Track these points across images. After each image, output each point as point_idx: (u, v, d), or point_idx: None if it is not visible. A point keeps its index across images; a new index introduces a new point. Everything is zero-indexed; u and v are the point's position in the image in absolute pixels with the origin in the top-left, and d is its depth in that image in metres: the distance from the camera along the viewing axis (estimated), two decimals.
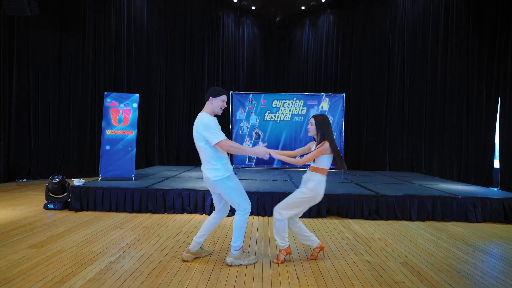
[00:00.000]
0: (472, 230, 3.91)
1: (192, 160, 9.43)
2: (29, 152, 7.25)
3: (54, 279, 2.33)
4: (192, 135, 2.72)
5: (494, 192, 4.94)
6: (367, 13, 9.69)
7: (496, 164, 7.04)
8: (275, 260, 2.77)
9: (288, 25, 11.78)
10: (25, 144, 7.18)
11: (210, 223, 2.78)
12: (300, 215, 2.85)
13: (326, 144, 2.60)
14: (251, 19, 11.35)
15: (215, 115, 2.73)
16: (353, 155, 9.42)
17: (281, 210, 2.72)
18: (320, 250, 2.86)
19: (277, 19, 12.05)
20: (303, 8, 11.11)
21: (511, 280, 2.48)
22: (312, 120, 2.74)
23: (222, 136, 2.53)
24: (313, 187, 2.65)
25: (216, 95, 2.66)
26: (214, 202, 2.82)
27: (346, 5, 10.10)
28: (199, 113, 2.69)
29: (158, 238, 3.35)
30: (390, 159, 9.09)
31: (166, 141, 9.52)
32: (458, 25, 7.39)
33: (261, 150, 2.60)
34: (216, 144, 2.51)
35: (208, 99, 2.68)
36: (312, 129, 2.74)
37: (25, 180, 7.15)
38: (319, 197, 2.71)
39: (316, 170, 2.69)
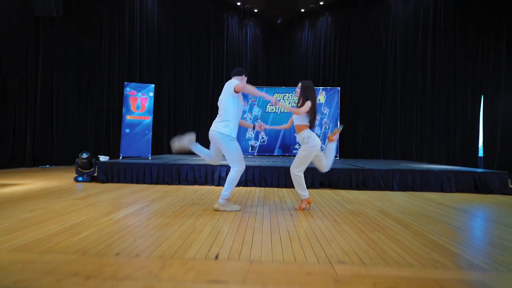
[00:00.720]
0: (444, 196, 4.54)
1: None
2: (52, 141, 7.96)
3: (101, 212, 2.99)
4: (198, 128, 3.42)
5: (466, 168, 5.56)
6: (362, 15, 10.38)
7: (481, 153, 7.69)
8: (297, 208, 3.42)
9: (289, 27, 12.50)
10: (48, 133, 7.90)
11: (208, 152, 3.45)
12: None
13: (309, 103, 3.24)
14: (253, 21, 12.09)
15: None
16: (350, 146, 10.08)
17: (295, 168, 3.35)
18: (307, 203, 3.45)
19: (278, 21, 12.77)
20: (302, 10, 11.83)
21: (473, 223, 3.11)
22: (299, 84, 3.37)
23: (239, 84, 3.18)
24: (308, 142, 3.26)
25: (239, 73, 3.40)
26: (210, 151, 3.40)
27: (343, 8, 10.81)
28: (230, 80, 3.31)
29: (177, 196, 4.01)
30: (384, 149, 9.72)
31: (174, 132, 10.20)
32: (445, 26, 8.08)
33: (272, 97, 3.13)
34: (235, 86, 3.12)
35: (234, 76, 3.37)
36: (298, 91, 3.37)
37: (48, 166, 7.85)
38: (317, 146, 3.28)
39: (301, 127, 3.32)
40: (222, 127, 3.18)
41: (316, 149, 3.29)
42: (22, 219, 2.68)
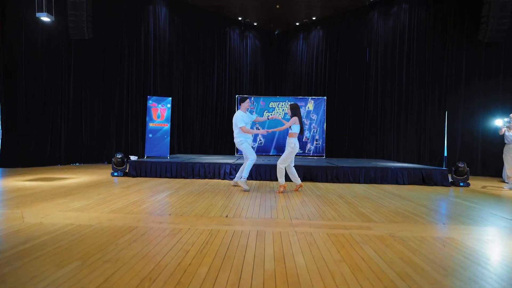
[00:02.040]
0: (396, 187, 5.95)
1: (204, 151, 11.56)
2: (81, 141, 9.40)
3: (146, 195, 4.43)
4: (203, 131, 4.98)
5: (418, 166, 6.96)
6: (349, 30, 11.74)
7: (445, 153, 9.12)
8: (277, 192, 4.95)
9: (285, 38, 13.87)
10: (78, 135, 9.34)
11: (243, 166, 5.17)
12: (292, 163, 5.03)
13: (295, 118, 4.80)
14: (253, 33, 13.46)
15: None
16: (337, 147, 11.49)
17: (280, 163, 4.93)
18: (299, 187, 5.10)
19: (276, 32, 14.14)
20: (297, 23, 13.19)
21: (398, 203, 4.52)
22: (288, 106, 4.95)
23: (241, 124, 5.07)
24: (293, 145, 4.78)
25: (243, 101, 5.31)
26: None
27: (333, 23, 12.16)
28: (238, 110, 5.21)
29: (193, 186, 5.44)
30: (367, 149, 11.13)
31: (183, 136, 11.63)
32: (418, 42, 9.49)
33: (262, 130, 4.89)
34: (239, 127, 4.92)
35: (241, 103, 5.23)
36: (288, 111, 4.93)
37: (77, 164, 9.30)
38: (296, 149, 4.91)
39: (291, 135, 4.87)
40: (237, 140, 5.16)
41: (296, 150, 4.85)
42: (99, 198, 4.11)
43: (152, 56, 10.53)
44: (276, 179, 5.97)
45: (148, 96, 7.46)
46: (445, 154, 9.13)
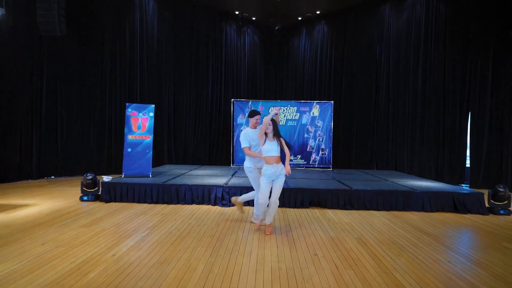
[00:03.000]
0: (424, 217, 4.88)
1: (197, 160, 10.47)
2: (56, 153, 8.31)
3: (106, 246, 3.35)
4: (197, 137, 3.90)
5: (448, 187, 5.88)
6: (357, 25, 10.60)
7: (468, 164, 8.02)
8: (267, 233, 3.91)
9: (286, 34, 12.72)
10: (53, 146, 8.24)
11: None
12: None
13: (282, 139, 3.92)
14: (251, 28, 12.31)
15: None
16: (344, 156, 10.39)
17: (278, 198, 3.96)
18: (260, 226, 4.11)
19: (276, 28, 12.99)
20: (299, 18, 12.04)
21: (439, 255, 3.45)
22: (271, 123, 3.87)
23: (244, 144, 4.11)
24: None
25: (251, 116, 4.29)
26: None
27: (338, 17, 11.02)
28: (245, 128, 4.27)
29: (175, 221, 4.36)
30: (377, 159, 10.04)
31: (174, 143, 10.54)
32: (436, 40, 8.33)
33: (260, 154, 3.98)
34: (242, 147, 4.17)
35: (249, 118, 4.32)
36: (270, 128, 3.88)
37: (53, 177, 8.21)
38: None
39: (278, 159, 3.94)
40: (245, 165, 4.30)
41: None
42: (36, 255, 3.03)
43: (138, 56, 9.41)
44: (280, 205, 4.91)
45: (127, 104, 6.36)
46: (467, 167, 8.05)
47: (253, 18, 12.13)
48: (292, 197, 5.38)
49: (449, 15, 8.12)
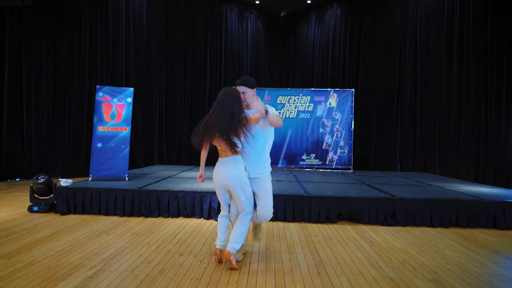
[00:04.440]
0: (504, 238, 3.46)
1: (193, 159, 9.05)
2: (22, 151, 6.91)
3: None
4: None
5: None
6: (376, 6, 9.24)
7: None
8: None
9: (294, 20, 11.36)
10: (17, 143, 6.85)
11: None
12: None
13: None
14: (255, 13, 10.96)
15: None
16: (362, 155, 8.95)
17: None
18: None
19: (281, 14, 11.65)
20: (309, 1, 10.69)
21: None
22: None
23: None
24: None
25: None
26: None
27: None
28: None
29: (148, 246, 2.95)
30: (401, 159, 8.61)
31: (166, 140, 9.15)
32: (475, 16, 6.88)
33: None
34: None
35: None
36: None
37: (18, 179, 6.82)
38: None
39: None
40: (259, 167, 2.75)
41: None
42: None
43: (124, 39, 8.01)
44: (298, 219, 3.51)
45: (98, 86, 4.96)
46: None
47: (257, 2, 10.78)
48: (314, 209, 3.96)
49: None
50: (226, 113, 2.30)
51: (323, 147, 7.34)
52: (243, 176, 2.40)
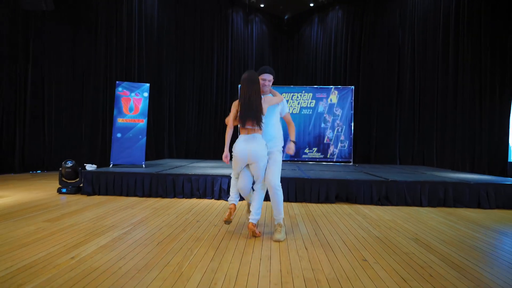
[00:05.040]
0: (485, 215, 3.84)
1: (201, 154, 9.53)
2: (43, 144, 7.43)
3: (68, 244, 2.39)
4: (201, 130, 2.87)
5: (508, 179, 4.84)
6: (376, 8, 9.65)
7: (510, 159, 6.92)
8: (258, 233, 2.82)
9: (297, 22, 11.81)
10: (39, 136, 7.37)
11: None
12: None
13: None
14: (259, 16, 11.43)
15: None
16: (363, 149, 9.35)
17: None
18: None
19: (285, 17, 12.10)
20: (311, 4, 11.13)
21: None
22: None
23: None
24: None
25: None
26: None
27: (355, 1, 10.08)
28: None
29: (168, 216, 3.39)
30: (400, 153, 8.99)
31: (176, 135, 9.62)
32: (470, 15, 7.28)
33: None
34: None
35: None
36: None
37: (39, 171, 7.32)
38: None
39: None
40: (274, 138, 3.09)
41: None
42: None
43: (136, 40, 8.52)
44: (300, 199, 3.94)
45: (117, 82, 5.45)
46: (510, 160, 6.95)
47: (261, 5, 11.25)
48: (314, 190, 4.38)
49: None
50: (257, 96, 2.67)
51: (325, 141, 7.76)
52: (265, 150, 2.74)
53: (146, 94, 5.48)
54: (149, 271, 1.96)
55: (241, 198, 3.36)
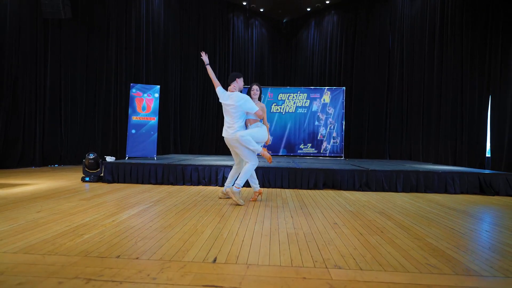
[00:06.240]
0: (448, 198, 4.51)
1: (204, 150, 10.21)
2: (60, 140, 8.12)
3: (106, 213, 3.07)
4: (204, 128, 3.60)
5: (472, 169, 5.49)
6: (368, 14, 10.30)
7: (488, 153, 7.58)
8: (251, 199, 3.94)
9: (295, 26, 12.48)
10: (56, 133, 8.06)
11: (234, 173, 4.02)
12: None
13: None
14: (259, 20, 12.09)
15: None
16: (355, 146, 10.03)
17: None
18: (259, 194, 3.98)
19: (284, 20, 12.75)
20: (308, 9, 11.79)
21: (475, 226, 3.09)
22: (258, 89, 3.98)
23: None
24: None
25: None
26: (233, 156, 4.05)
27: (349, 7, 10.73)
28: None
29: (180, 197, 4.07)
30: (390, 150, 9.66)
31: (180, 134, 10.30)
32: (452, 24, 7.97)
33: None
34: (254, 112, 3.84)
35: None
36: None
37: (57, 165, 8.01)
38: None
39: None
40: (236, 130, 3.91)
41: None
42: (29, 220, 2.77)
43: (144, 43, 9.22)
44: (293, 186, 4.64)
45: (132, 84, 6.13)
46: (488, 154, 7.61)
47: (261, 10, 11.92)
48: (304, 178, 5.05)
49: None
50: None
51: (318, 138, 8.43)
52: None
53: (157, 95, 6.16)
54: (172, 228, 2.63)
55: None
